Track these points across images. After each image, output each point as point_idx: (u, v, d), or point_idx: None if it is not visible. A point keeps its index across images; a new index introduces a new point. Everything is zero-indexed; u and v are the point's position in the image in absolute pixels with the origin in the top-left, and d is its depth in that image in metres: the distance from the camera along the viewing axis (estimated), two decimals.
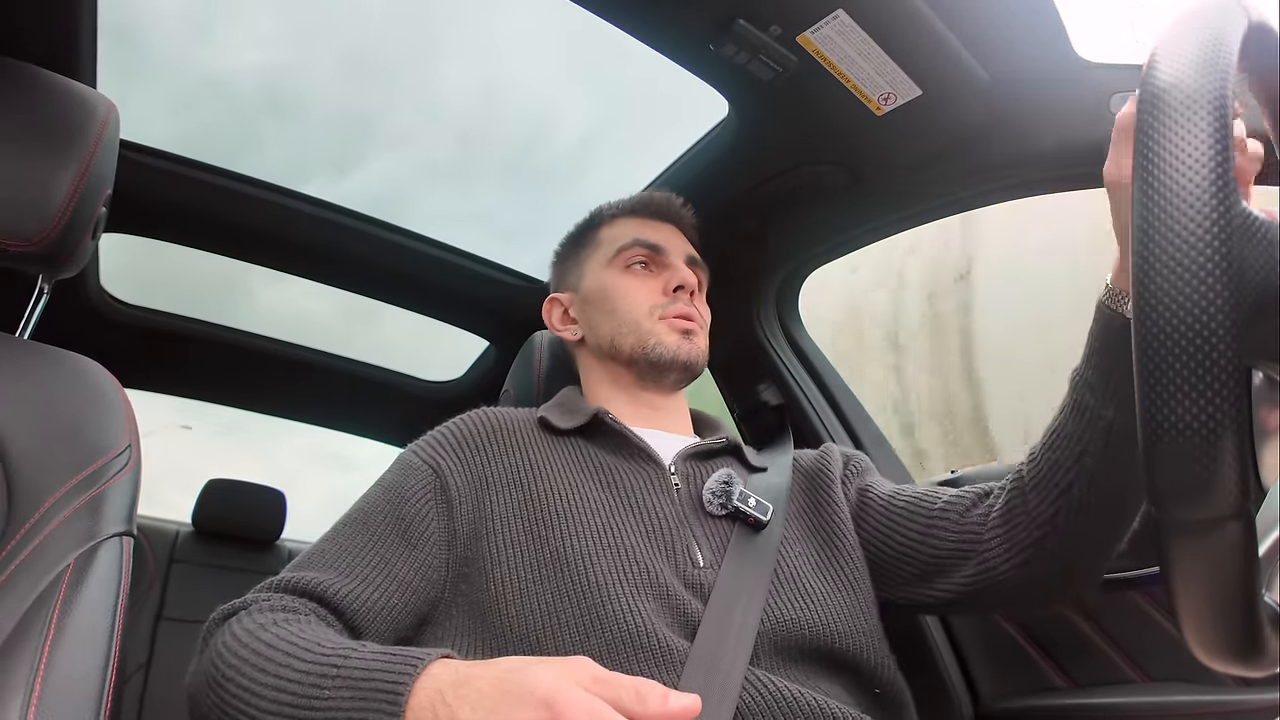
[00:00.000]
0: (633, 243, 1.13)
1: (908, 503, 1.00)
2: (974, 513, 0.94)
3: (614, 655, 0.78)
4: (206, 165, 1.59)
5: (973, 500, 0.95)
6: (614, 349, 1.09)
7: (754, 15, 1.01)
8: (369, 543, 0.88)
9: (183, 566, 2.62)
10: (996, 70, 1.09)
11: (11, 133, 0.92)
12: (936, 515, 0.97)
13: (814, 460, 1.08)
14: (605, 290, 1.12)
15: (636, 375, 1.09)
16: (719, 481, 0.95)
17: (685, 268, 1.11)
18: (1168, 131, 0.40)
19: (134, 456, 0.88)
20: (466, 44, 1.68)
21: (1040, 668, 1.23)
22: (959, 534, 0.94)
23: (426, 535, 0.89)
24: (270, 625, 0.75)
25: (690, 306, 1.08)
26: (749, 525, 0.94)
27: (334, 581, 0.83)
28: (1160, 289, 0.39)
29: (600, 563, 0.84)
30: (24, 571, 0.74)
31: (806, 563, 0.94)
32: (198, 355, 2.23)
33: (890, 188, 1.33)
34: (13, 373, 0.88)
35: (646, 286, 1.10)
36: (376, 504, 0.92)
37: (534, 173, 1.95)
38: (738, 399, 1.78)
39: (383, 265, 1.86)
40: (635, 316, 1.08)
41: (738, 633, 0.81)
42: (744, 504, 0.93)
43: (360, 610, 0.81)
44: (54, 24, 1.10)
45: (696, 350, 1.07)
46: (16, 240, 0.90)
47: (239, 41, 1.14)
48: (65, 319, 1.78)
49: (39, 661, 0.69)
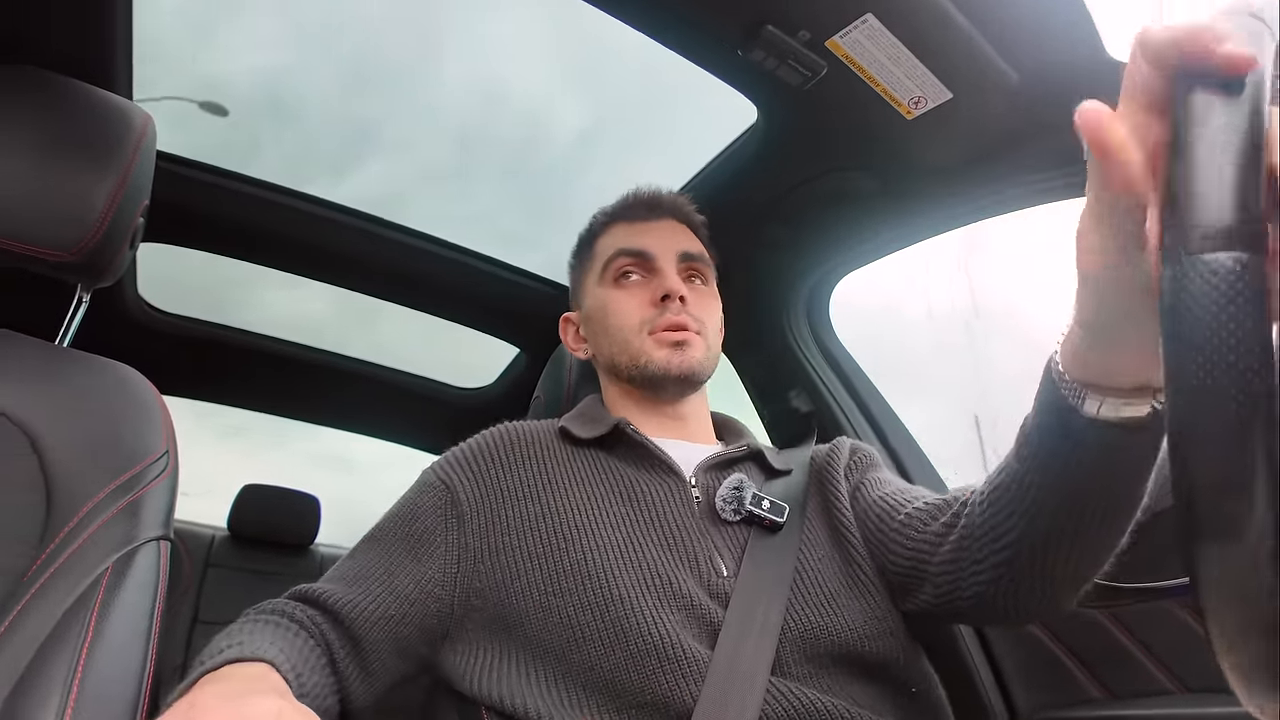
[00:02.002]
0: (618, 253, 1.10)
1: (884, 508, 0.94)
2: (930, 531, 0.87)
3: (639, 668, 0.77)
4: (242, 176, 1.62)
5: (936, 516, 0.88)
6: (614, 368, 1.09)
7: (782, 21, 1.01)
8: (378, 557, 0.91)
9: (218, 570, 2.66)
10: (1027, 71, 1.08)
11: (52, 145, 0.94)
12: (898, 526, 0.91)
13: (825, 455, 1.06)
14: (601, 308, 1.10)
15: (640, 390, 1.08)
16: (730, 488, 0.94)
17: (673, 273, 1.07)
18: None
19: (171, 462, 0.90)
20: (466, 46, 1.68)
21: (1077, 678, 1.21)
22: (912, 554, 0.88)
23: (433, 550, 0.90)
24: (232, 630, 0.78)
25: (681, 314, 1.04)
26: (765, 528, 0.92)
27: (337, 592, 0.86)
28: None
29: (623, 577, 0.84)
30: (63, 575, 0.76)
31: (828, 565, 0.92)
32: (234, 362, 2.27)
33: (922, 192, 1.32)
34: (52, 380, 0.89)
35: (637, 299, 1.07)
36: (391, 521, 0.95)
37: (533, 174, 1.95)
38: (768, 405, 1.78)
39: (417, 274, 1.88)
40: (625, 335, 1.06)
41: (759, 635, 0.80)
42: (757, 507, 0.92)
43: (356, 618, 0.84)
44: (91, 38, 1.13)
45: (690, 360, 1.03)
46: (56, 250, 0.92)
47: (238, 45, 1.15)
48: (103, 327, 1.82)
49: (77, 663, 0.70)
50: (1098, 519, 0.68)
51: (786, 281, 1.63)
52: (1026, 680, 1.27)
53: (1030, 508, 0.71)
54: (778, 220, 1.48)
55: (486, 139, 1.91)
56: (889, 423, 1.58)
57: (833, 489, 1.00)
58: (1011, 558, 0.75)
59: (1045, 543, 0.72)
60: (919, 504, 0.91)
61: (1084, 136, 0.43)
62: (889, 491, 0.97)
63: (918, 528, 0.89)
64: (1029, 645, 1.26)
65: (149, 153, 1.03)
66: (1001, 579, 0.78)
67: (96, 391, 0.91)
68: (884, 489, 0.98)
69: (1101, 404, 0.58)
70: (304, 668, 0.76)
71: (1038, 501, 0.70)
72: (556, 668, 0.80)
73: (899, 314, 4.59)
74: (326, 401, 2.53)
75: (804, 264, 1.59)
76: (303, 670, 0.75)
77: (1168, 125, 0.40)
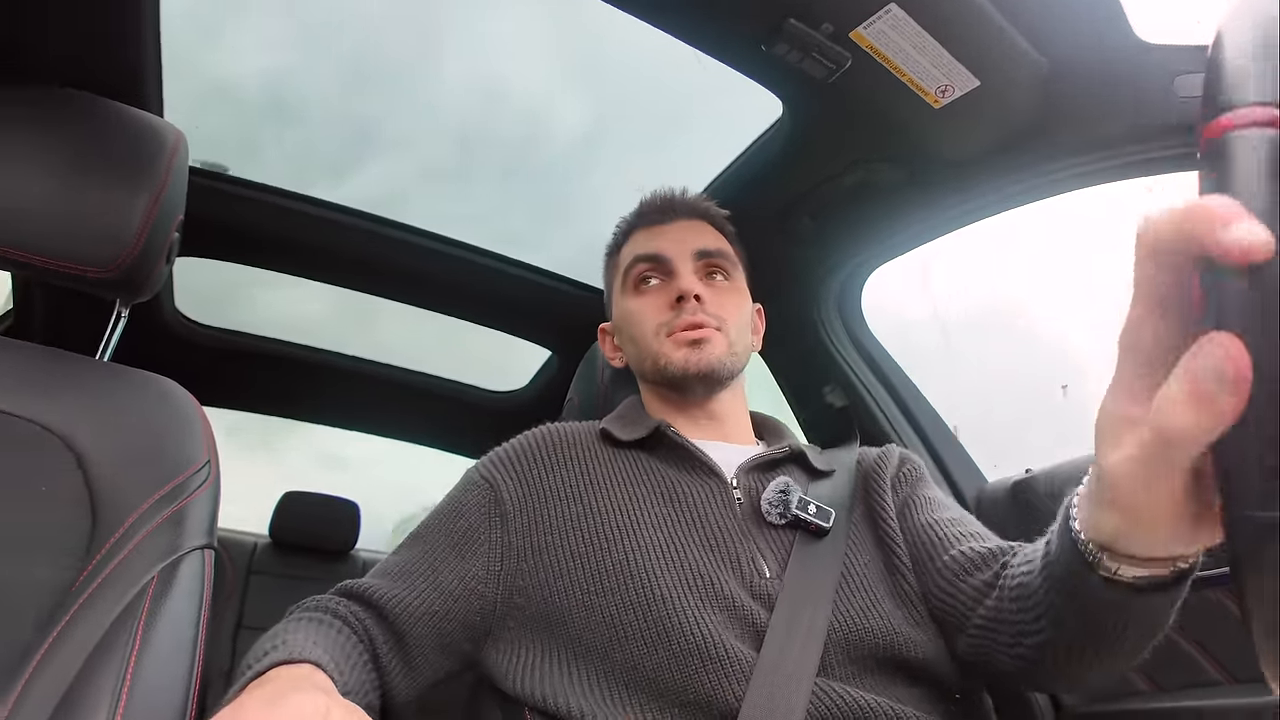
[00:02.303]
0: (634, 261, 1.11)
1: (930, 541, 0.93)
2: (969, 584, 0.85)
3: (681, 667, 0.77)
4: (274, 189, 1.64)
5: (978, 565, 0.86)
6: (643, 373, 1.11)
7: (805, 13, 1.00)
8: (423, 554, 0.93)
9: (261, 577, 2.70)
10: (1055, 56, 1.06)
11: (88, 164, 0.96)
12: (941, 569, 0.89)
13: (874, 461, 1.05)
14: (625, 316, 1.12)
15: (669, 392, 1.08)
16: (776, 491, 0.94)
17: (689, 273, 1.07)
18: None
19: (213, 471, 0.91)
20: (468, 44, 1.68)
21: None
22: (950, 601, 0.87)
23: (477, 547, 0.92)
24: (276, 631, 0.79)
25: (698, 313, 1.04)
26: (810, 532, 0.92)
27: (382, 587, 0.88)
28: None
29: (665, 577, 0.84)
30: (109, 585, 0.77)
31: (873, 569, 0.91)
32: (271, 372, 2.30)
33: (952, 182, 1.30)
34: (94, 394, 0.91)
35: (654, 304, 1.08)
36: (436, 519, 0.97)
37: (534, 173, 1.95)
38: (802, 402, 1.77)
39: (448, 279, 1.89)
40: (646, 340, 1.07)
41: (804, 639, 0.79)
42: (803, 511, 0.91)
43: (401, 613, 0.86)
44: (123, 57, 1.15)
45: (708, 358, 1.02)
46: (95, 267, 0.94)
47: (242, 45, 1.16)
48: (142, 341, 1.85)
49: (125, 672, 0.71)
50: (1124, 642, 0.66)
51: (817, 277, 1.62)
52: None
53: (1055, 618, 0.70)
54: (806, 215, 1.47)
55: (487, 138, 1.91)
56: (926, 417, 1.56)
57: (878, 498, 0.99)
58: (1038, 654, 0.75)
59: (1069, 650, 0.71)
60: (965, 548, 0.89)
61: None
62: (938, 519, 0.96)
63: (961, 575, 0.87)
64: None
65: (182, 169, 1.05)
66: (1031, 664, 0.77)
67: (138, 404, 0.93)
68: (933, 514, 0.97)
69: (1119, 567, 0.56)
70: (346, 665, 0.77)
71: (1060, 618, 0.69)
72: (599, 666, 0.81)
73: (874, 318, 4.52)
74: (363, 408, 2.56)
75: (834, 258, 1.58)
76: (345, 668, 0.76)
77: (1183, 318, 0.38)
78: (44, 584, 0.77)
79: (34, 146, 0.94)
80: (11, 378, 0.89)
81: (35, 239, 0.92)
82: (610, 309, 1.20)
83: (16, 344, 0.96)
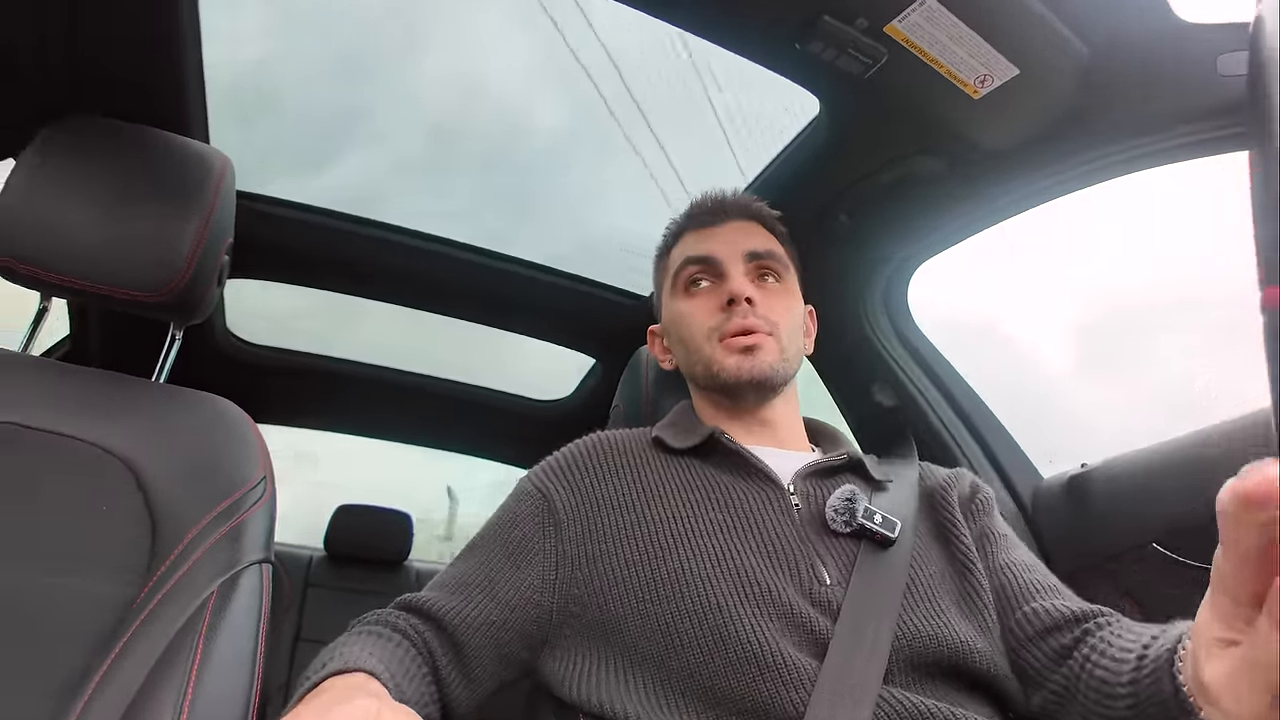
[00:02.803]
0: (685, 263, 1.10)
1: (1012, 586, 0.92)
2: (1046, 647, 0.85)
3: (738, 675, 0.76)
4: (321, 209, 1.68)
5: (1059, 626, 0.86)
6: (693, 376, 1.09)
7: (839, 10, 0.99)
8: (479, 565, 0.93)
9: (317, 590, 2.75)
10: (1095, 40, 1.04)
11: (138, 192, 0.99)
12: (1020, 619, 0.88)
13: (942, 480, 1.03)
14: (675, 318, 1.10)
15: (720, 398, 1.07)
16: (842, 499, 0.92)
17: (739, 275, 1.06)
18: None
19: (269, 487, 0.93)
20: (449, 39, 1.67)
21: None
22: (1027, 660, 0.86)
23: (531, 557, 0.92)
24: (335, 644, 0.80)
25: (749, 317, 1.03)
26: (875, 542, 0.90)
27: (440, 599, 0.88)
28: None
29: (720, 585, 0.83)
30: (170, 600, 0.79)
31: (941, 582, 0.90)
32: (320, 388, 2.35)
33: (994, 172, 1.28)
34: (152, 415, 0.94)
35: (705, 306, 1.06)
36: (491, 530, 0.97)
37: (514, 169, 1.94)
38: (850, 403, 1.75)
39: (490, 292, 1.91)
40: (698, 343, 1.05)
41: (870, 650, 0.78)
42: (869, 520, 0.90)
43: (460, 624, 0.86)
44: (168, 87, 1.18)
45: (762, 364, 1.01)
46: (148, 292, 0.97)
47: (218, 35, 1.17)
48: (196, 362, 1.90)
49: (187, 685, 0.73)
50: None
51: (860, 274, 1.60)
52: None
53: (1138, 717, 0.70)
54: (847, 212, 1.46)
55: (466, 134, 1.90)
56: (980, 414, 1.54)
57: (948, 517, 0.98)
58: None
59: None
60: (1049, 604, 0.88)
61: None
62: (1016, 561, 0.95)
63: (1044, 633, 0.86)
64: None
65: (229, 193, 1.07)
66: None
67: (194, 424, 0.95)
68: (1010, 555, 0.96)
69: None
70: (403, 675, 0.77)
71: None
72: (655, 674, 0.80)
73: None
74: (410, 420, 2.60)
75: (878, 255, 1.56)
76: (401, 678, 0.76)
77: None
78: (106, 601, 0.79)
79: (84, 177, 0.98)
80: (72, 402, 0.92)
81: (90, 267, 0.95)
82: (659, 311, 1.19)
83: (75, 369, 0.99)
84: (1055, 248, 1.81)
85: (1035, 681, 0.84)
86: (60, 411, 0.90)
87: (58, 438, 0.87)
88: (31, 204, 0.95)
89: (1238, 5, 0.97)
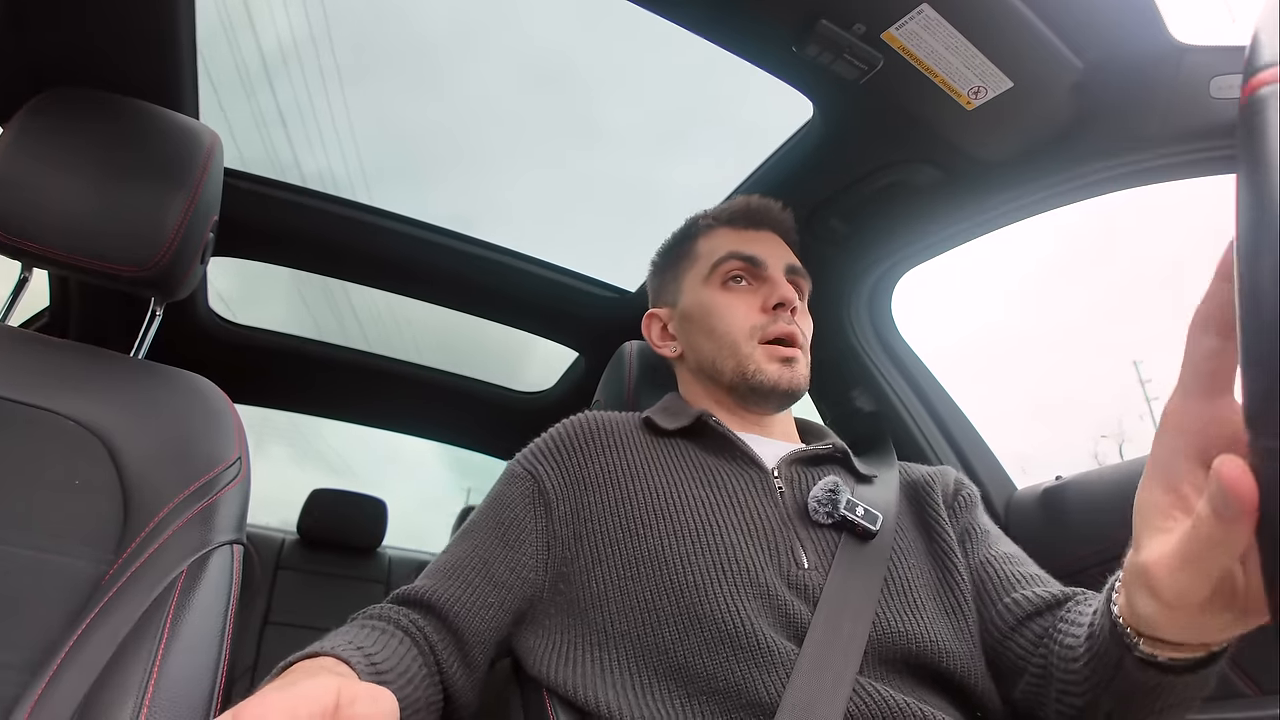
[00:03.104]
0: (729, 256, 1.09)
1: (994, 578, 0.92)
2: (1028, 633, 0.84)
3: (713, 654, 0.77)
4: (305, 189, 1.66)
5: (1038, 611, 0.86)
6: (715, 370, 1.07)
7: (837, 15, 1.00)
8: (473, 549, 0.92)
9: (288, 573, 2.73)
10: (1090, 58, 1.05)
11: (125, 166, 0.98)
12: (998, 614, 0.88)
13: (925, 477, 1.04)
14: (704, 308, 1.09)
15: (737, 399, 1.07)
16: (825, 489, 0.92)
17: (785, 282, 1.07)
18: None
19: (244, 468, 0.92)
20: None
21: None
22: (1007, 649, 0.86)
23: (523, 537, 0.92)
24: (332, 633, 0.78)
25: (792, 325, 1.04)
26: (856, 535, 0.91)
27: (436, 587, 0.87)
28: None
29: (699, 561, 0.83)
30: (140, 577, 0.78)
31: (918, 577, 0.90)
32: (301, 370, 2.33)
33: (984, 184, 1.29)
34: (129, 390, 0.93)
35: (745, 304, 1.06)
36: (483, 514, 0.96)
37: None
38: (830, 406, 1.75)
39: (476, 281, 1.90)
40: (735, 338, 1.05)
41: (846, 643, 0.79)
42: (851, 512, 0.90)
43: (458, 610, 0.85)
44: (159, 61, 1.17)
45: (799, 377, 1.03)
46: (130, 266, 0.96)
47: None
48: (176, 339, 1.88)
49: (153, 663, 0.72)
50: (1159, 713, 0.66)
51: (847, 279, 1.61)
52: None
53: (1094, 685, 0.69)
54: (836, 216, 1.46)
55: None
56: (957, 423, 1.55)
57: (932, 513, 0.98)
58: (1080, 714, 0.74)
59: (1109, 716, 0.70)
60: (1029, 592, 0.88)
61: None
62: (998, 554, 0.95)
63: (1024, 620, 0.86)
64: None
65: (217, 170, 1.06)
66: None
67: (171, 401, 0.94)
68: (993, 548, 0.96)
69: (1156, 651, 0.57)
70: (383, 655, 0.74)
71: (1099, 687, 0.68)
72: (631, 653, 0.80)
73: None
74: (390, 407, 2.58)
75: (864, 261, 1.56)
76: (379, 656, 0.74)
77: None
78: (77, 576, 0.78)
79: (70, 149, 0.96)
80: (49, 375, 0.91)
81: (72, 239, 0.94)
82: (674, 296, 1.17)
83: (54, 341, 0.98)
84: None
85: (1018, 668, 0.84)
86: (36, 384, 0.88)
87: (32, 410, 0.86)
88: (15, 174, 0.93)
89: (1233, 28, 0.98)
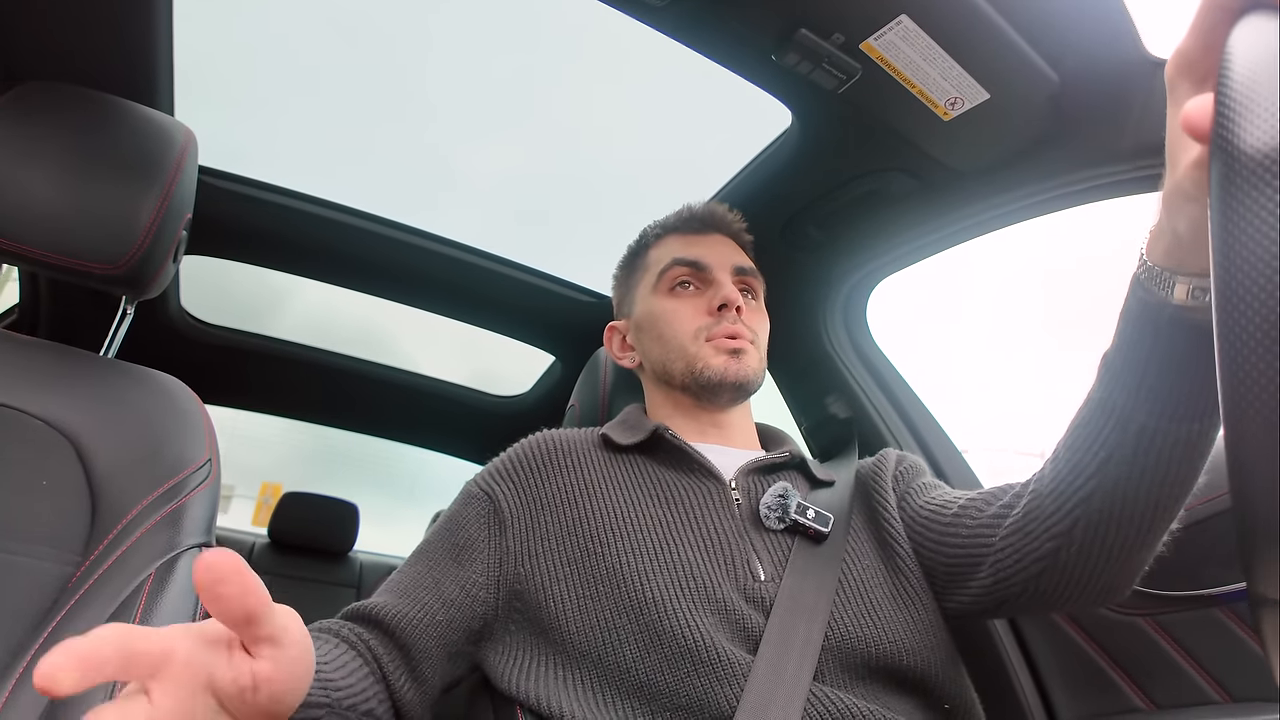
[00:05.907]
0: (673, 263, 1.11)
1: (933, 510, 0.95)
2: (987, 515, 0.88)
3: (673, 670, 0.77)
4: (281, 188, 1.65)
5: (991, 502, 0.89)
6: (668, 374, 1.09)
7: (816, 24, 1.00)
8: (426, 568, 0.92)
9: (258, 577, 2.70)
10: (1065, 71, 1.06)
11: (97, 161, 0.96)
12: (951, 519, 0.91)
13: (871, 466, 1.06)
14: (653, 316, 1.11)
15: (693, 398, 1.08)
16: (775, 495, 0.94)
17: (729, 283, 1.08)
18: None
19: (214, 470, 0.91)
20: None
21: (1120, 688, 1.18)
22: (970, 539, 0.88)
23: (476, 554, 0.92)
24: None
25: (737, 324, 1.06)
26: (809, 538, 0.92)
27: (387, 604, 0.87)
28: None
29: (656, 579, 0.84)
30: (107, 581, 0.77)
31: (873, 576, 0.91)
32: (274, 372, 2.31)
33: (959, 194, 1.30)
34: (98, 390, 0.91)
35: (691, 307, 1.08)
36: (438, 534, 0.97)
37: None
38: (805, 412, 1.76)
39: (453, 283, 1.90)
40: (681, 341, 1.07)
41: (801, 646, 0.79)
42: (802, 516, 0.92)
43: (405, 627, 0.85)
44: (134, 56, 1.15)
45: (746, 369, 1.04)
46: (101, 263, 0.94)
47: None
48: (147, 338, 1.86)
49: None
50: (1170, 455, 0.67)
51: (823, 287, 1.62)
52: (1068, 690, 1.25)
53: (1110, 437, 0.70)
54: (813, 224, 1.47)
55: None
56: (930, 431, 1.56)
57: (879, 499, 1.00)
58: (1074, 523, 0.75)
59: (1112, 494, 0.72)
60: (971, 495, 0.92)
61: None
62: (937, 495, 0.97)
63: (974, 515, 0.89)
64: (1071, 654, 1.24)
65: (191, 168, 1.05)
66: (1060, 551, 0.78)
67: (140, 401, 0.93)
68: (931, 493, 0.98)
69: (1191, 286, 0.59)
70: (331, 666, 0.74)
71: (1119, 426, 0.69)
72: (593, 670, 0.81)
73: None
74: (365, 410, 2.56)
75: (840, 269, 1.57)
76: (326, 665, 0.73)
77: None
78: (43, 578, 0.77)
79: (43, 143, 0.95)
80: (17, 373, 0.89)
81: (43, 234, 0.92)
82: (629, 307, 1.19)
83: (22, 339, 0.96)
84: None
85: (985, 551, 0.86)
86: (3, 383, 0.87)
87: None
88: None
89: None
